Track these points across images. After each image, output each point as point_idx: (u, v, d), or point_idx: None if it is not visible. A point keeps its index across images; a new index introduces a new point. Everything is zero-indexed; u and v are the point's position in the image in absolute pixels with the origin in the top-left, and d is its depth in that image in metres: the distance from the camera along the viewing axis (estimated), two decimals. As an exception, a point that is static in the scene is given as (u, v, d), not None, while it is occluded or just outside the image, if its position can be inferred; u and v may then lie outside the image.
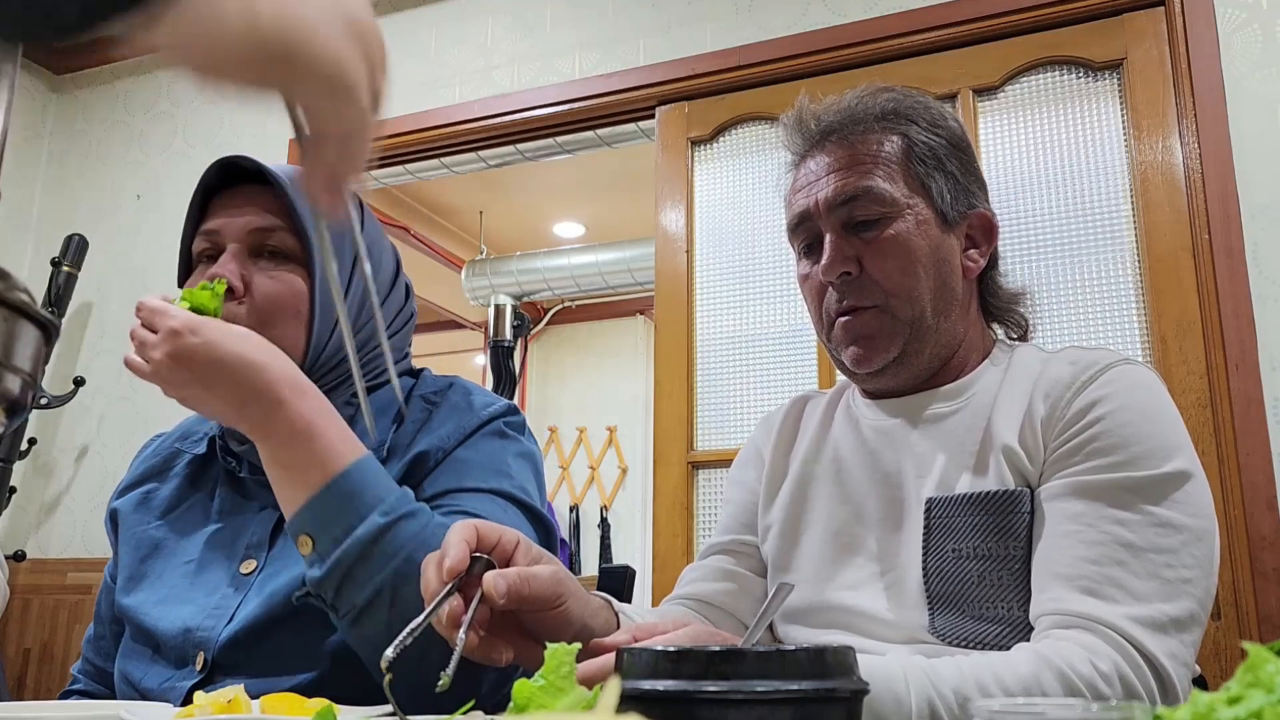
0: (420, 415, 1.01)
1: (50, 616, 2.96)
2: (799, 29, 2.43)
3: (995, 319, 1.08)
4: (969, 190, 1.02)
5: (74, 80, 3.47)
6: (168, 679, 0.93)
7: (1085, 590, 0.81)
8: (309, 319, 0.97)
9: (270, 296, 0.95)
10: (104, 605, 1.09)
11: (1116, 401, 0.89)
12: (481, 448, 0.99)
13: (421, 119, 2.83)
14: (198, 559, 0.99)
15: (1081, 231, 2.07)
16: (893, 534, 0.97)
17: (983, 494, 0.91)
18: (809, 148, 1.04)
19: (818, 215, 1.01)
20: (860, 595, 0.96)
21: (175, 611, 0.95)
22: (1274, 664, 0.33)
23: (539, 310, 5.74)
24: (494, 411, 1.02)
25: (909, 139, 1.00)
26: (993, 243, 1.05)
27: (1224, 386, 1.88)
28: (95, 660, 1.08)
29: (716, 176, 2.49)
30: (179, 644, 0.93)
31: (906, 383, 1.02)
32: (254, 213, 0.97)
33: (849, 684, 0.48)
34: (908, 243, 0.98)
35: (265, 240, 0.97)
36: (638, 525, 5.36)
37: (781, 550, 1.05)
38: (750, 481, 1.13)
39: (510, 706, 0.51)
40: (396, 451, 0.98)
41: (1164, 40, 2.09)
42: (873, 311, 0.98)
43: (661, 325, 2.45)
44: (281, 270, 0.96)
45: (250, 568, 0.96)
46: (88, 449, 3.08)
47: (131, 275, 3.17)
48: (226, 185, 1.01)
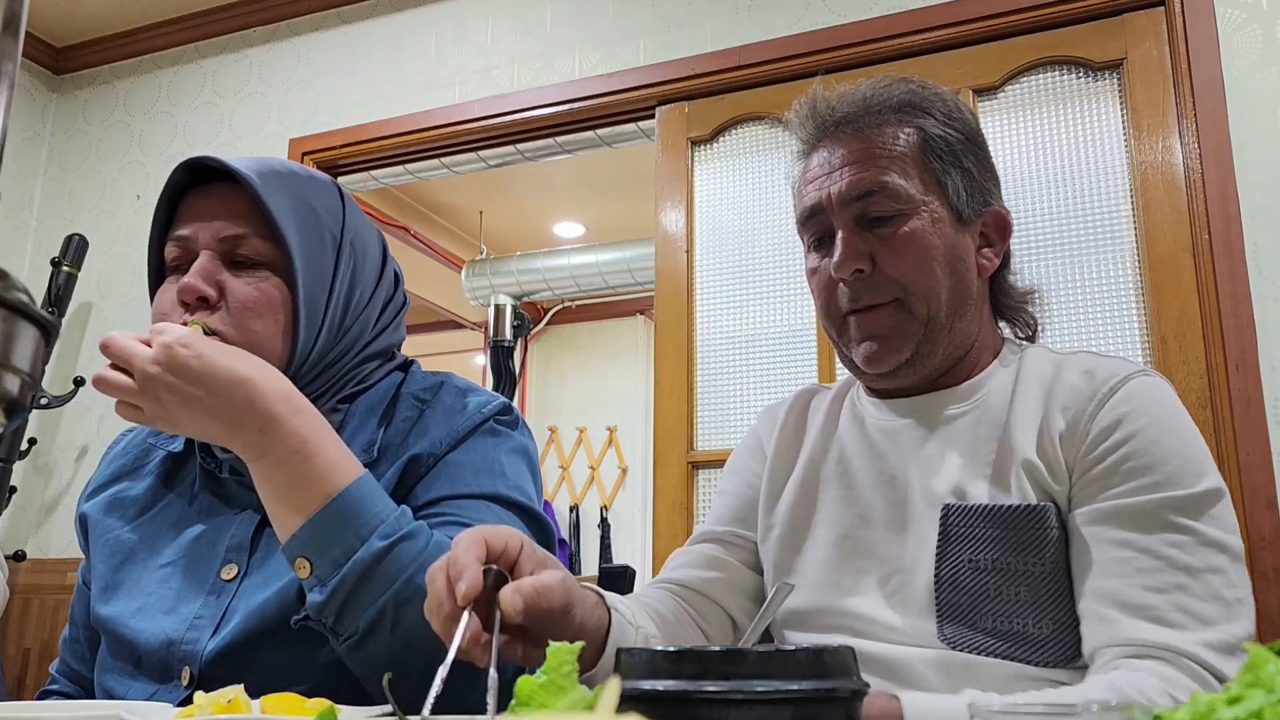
0: (411, 414, 0.97)
1: (50, 616, 2.96)
2: (799, 29, 2.43)
3: (1004, 318, 1.06)
4: (984, 187, 1.00)
5: (74, 80, 3.47)
6: (152, 694, 0.89)
7: (1153, 619, 0.79)
8: (291, 325, 0.92)
9: (246, 304, 0.90)
10: (78, 609, 1.05)
11: (1143, 418, 0.87)
12: (474, 449, 0.96)
13: (421, 119, 2.83)
14: (175, 563, 0.94)
15: (1081, 231, 2.07)
16: (897, 536, 0.95)
17: (1004, 507, 0.89)
18: (821, 136, 1.01)
19: (830, 209, 0.97)
20: (866, 600, 0.94)
21: (155, 622, 0.91)
22: (1274, 664, 0.33)
23: (539, 310, 5.74)
24: (486, 411, 0.98)
25: (925, 133, 0.97)
26: (1007, 241, 1.02)
27: (1224, 386, 1.88)
28: (71, 662, 1.05)
29: (716, 176, 2.49)
30: (162, 657, 0.89)
31: (916, 382, 1.00)
32: (226, 218, 0.92)
33: (849, 684, 0.48)
34: (923, 240, 0.95)
35: (238, 247, 0.92)
36: (638, 525, 5.36)
37: (785, 553, 1.02)
38: (750, 475, 1.11)
39: (512, 704, 0.51)
40: (387, 452, 0.95)
41: (1164, 40, 2.09)
42: (890, 307, 0.95)
43: (661, 325, 2.45)
44: (257, 276, 0.92)
45: (232, 573, 0.92)
46: (88, 449, 3.09)
47: (131, 275, 3.17)
48: (195, 184, 0.96)
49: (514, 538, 0.73)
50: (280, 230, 0.91)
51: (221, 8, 3.19)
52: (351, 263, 0.97)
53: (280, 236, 0.91)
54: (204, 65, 3.26)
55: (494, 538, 0.72)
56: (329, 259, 0.95)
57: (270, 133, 3.07)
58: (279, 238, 0.91)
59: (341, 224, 0.97)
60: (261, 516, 0.93)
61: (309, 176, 0.98)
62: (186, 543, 0.95)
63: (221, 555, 0.93)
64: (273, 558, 0.91)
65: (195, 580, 0.93)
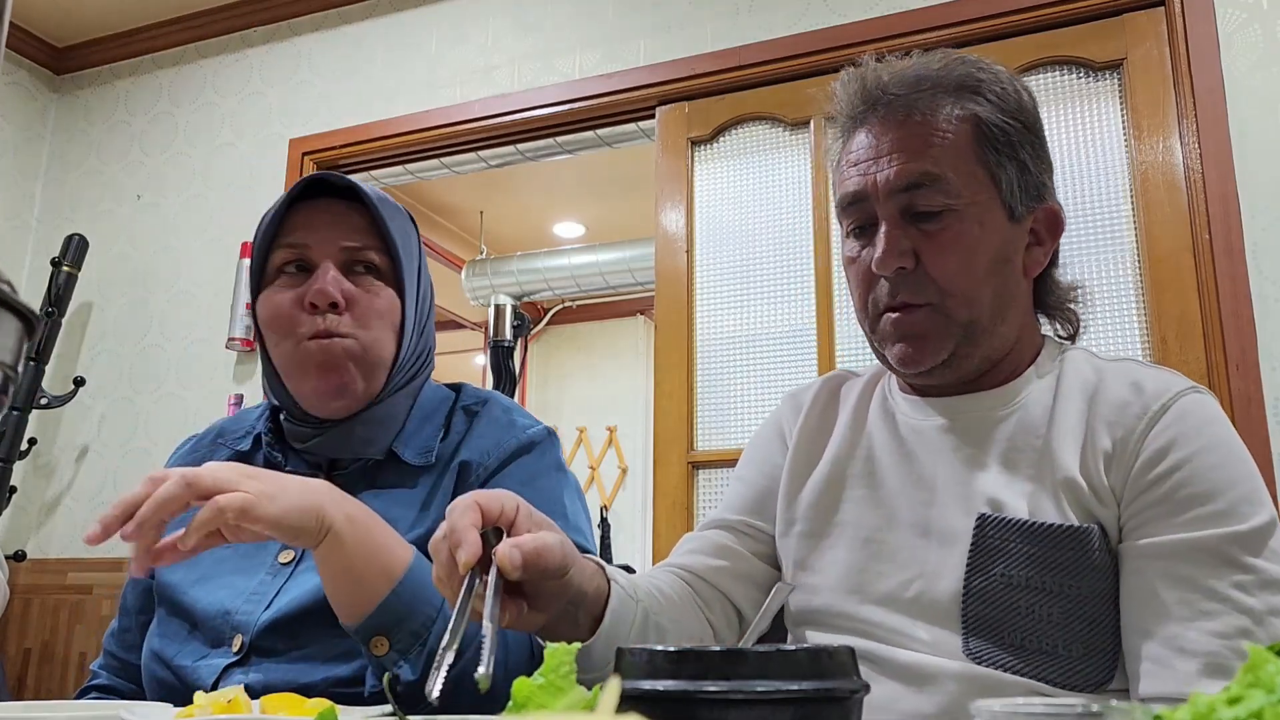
0: (462, 426, 1.05)
1: (50, 616, 2.96)
2: (799, 29, 2.43)
3: (1047, 315, 1.00)
4: (1039, 180, 0.93)
5: (74, 80, 3.47)
6: (203, 656, 0.93)
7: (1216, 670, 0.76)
8: (399, 330, 1.03)
9: (371, 310, 1.01)
10: (130, 596, 1.08)
11: (1196, 442, 0.83)
12: (541, 485, 1.00)
13: (421, 119, 2.83)
14: (235, 546, 0.98)
15: (1082, 231, 2.07)
16: (922, 541, 0.91)
17: (1045, 525, 0.84)
18: (869, 114, 0.94)
19: (875, 198, 0.91)
20: (889, 606, 0.90)
21: (214, 592, 0.96)
22: (1274, 664, 0.33)
23: (539, 310, 5.74)
24: (535, 435, 1.04)
25: (980, 120, 0.90)
26: (1057, 239, 0.96)
27: (1224, 386, 1.88)
28: (119, 653, 1.08)
29: (716, 176, 2.49)
30: (216, 624, 0.94)
31: (951, 382, 0.95)
32: (346, 230, 1.01)
33: (849, 684, 0.48)
34: (971, 240, 0.89)
35: (357, 256, 1.02)
36: (638, 525, 5.36)
37: (806, 552, 0.98)
38: (770, 465, 1.06)
39: (509, 705, 0.51)
40: (442, 460, 1.01)
41: (1164, 40, 2.09)
42: (926, 310, 0.90)
43: (661, 325, 2.45)
44: (376, 285, 1.02)
45: (289, 557, 0.97)
46: (88, 449, 3.08)
47: (131, 275, 3.17)
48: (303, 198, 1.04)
49: (509, 499, 0.73)
50: (395, 245, 1.02)
51: (221, 8, 3.19)
52: (427, 277, 1.11)
53: (394, 251, 1.02)
54: (204, 65, 3.26)
55: (489, 501, 0.71)
56: (418, 267, 1.07)
57: (270, 133, 3.07)
58: (392, 252, 1.03)
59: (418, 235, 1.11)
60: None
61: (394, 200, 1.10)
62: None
63: (280, 542, 0.96)
64: None
65: (254, 562, 0.98)
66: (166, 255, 3.13)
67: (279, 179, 3.00)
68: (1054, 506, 0.85)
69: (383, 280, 1.03)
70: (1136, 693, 0.81)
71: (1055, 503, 0.85)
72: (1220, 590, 0.78)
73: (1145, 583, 0.82)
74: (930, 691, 0.85)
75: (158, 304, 3.11)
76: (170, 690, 0.95)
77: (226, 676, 0.91)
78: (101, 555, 2.95)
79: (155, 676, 0.97)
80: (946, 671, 0.85)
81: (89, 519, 3.01)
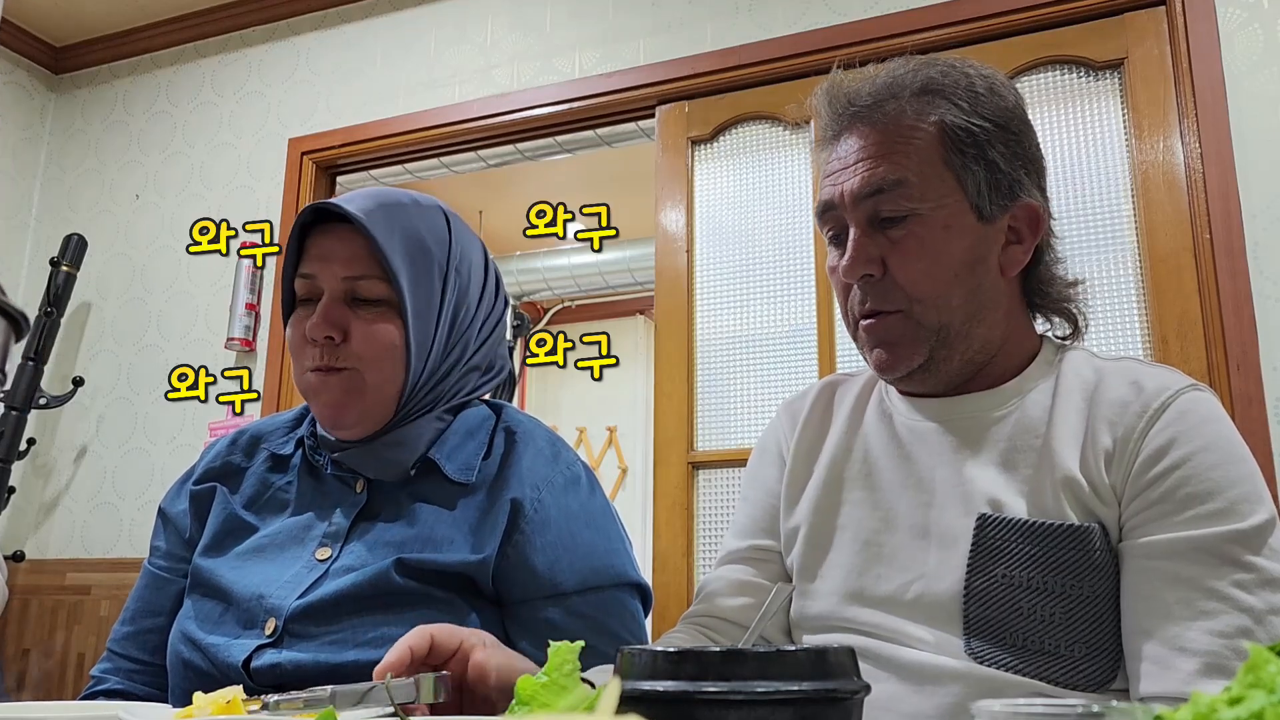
0: (503, 446, 1.05)
1: (50, 617, 2.96)
2: (799, 29, 2.43)
3: (1043, 315, 1.00)
4: (1013, 179, 0.93)
5: (73, 80, 3.47)
6: (236, 636, 0.95)
7: (1216, 669, 0.76)
8: (405, 356, 1.01)
9: (368, 343, 0.99)
10: (154, 597, 1.08)
11: (1197, 441, 0.83)
12: (600, 527, 1.03)
13: (421, 119, 2.83)
14: (274, 540, 1.02)
15: (1082, 231, 2.06)
16: (920, 542, 0.91)
17: (1046, 525, 0.84)
18: (840, 127, 0.96)
19: (843, 206, 0.93)
20: (890, 609, 0.90)
21: (250, 577, 0.98)
22: (1275, 664, 0.33)
23: (539, 310, 5.74)
24: (577, 470, 1.05)
25: (944, 123, 0.91)
26: (1038, 235, 0.95)
27: (1224, 386, 1.88)
28: (141, 655, 1.06)
29: (716, 176, 2.49)
30: (251, 607, 0.96)
31: (940, 386, 0.95)
32: (345, 259, 1.00)
33: (849, 684, 0.48)
34: (936, 244, 0.90)
35: (356, 287, 1.00)
36: (638, 525, 5.35)
37: (808, 558, 0.98)
38: (769, 480, 1.06)
39: (513, 703, 0.51)
40: (484, 482, 1.02)
41: (1165, 40, 2.09)
42: (897, 316, 0.91)
43: (661, 325, 2.45)
44: (376, 315, 1.00)
45: (326, 554, 0.99)
46: (87, 449, 3.08)
47: (130, 275, 3.17)
48: (319, 221, 1.04)
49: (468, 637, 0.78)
50: (393, 272, 0.99)
51: (221, 7, 3.19)
52: (457, 287, 1.06)
53: (394, 278, 0.99)
54: (203, 65, 3.26)
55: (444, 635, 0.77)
56: (436, 289, 1.03)
57: (270, 133, 3.07)
58: (392, 278, 1.00)
59: (448, 250, 1.06)
60: (358, 511, 1.01)
61: (416, 205, 1.07)
62: (287, 526, 1.04)
63: (318, 540, 1.00)
64: (365, 547, 0.98)
65: (292, 556, 1.00)
66: (166, 255, 3.13)
67: (278, 179, 3.00)
68: (1054, 505, 0.85)
69: (387, 304, 1.01)
70: (1137, 692, 0.81)
71: (1056, 502, 0.85)
72: (1220, 589, 0.78)
73: (1145, 582, 0.82)
74: (932, 691, 0.85)
75: (156, 304, 3.10)
76: (197, 672, 0.95)
77: (258, 655, 0.92)
78: (100, 556, 2.95)
79: (182, 658, 0.97)
80: (949, 671, 0.85)
81: (88, 519, 3.01)
